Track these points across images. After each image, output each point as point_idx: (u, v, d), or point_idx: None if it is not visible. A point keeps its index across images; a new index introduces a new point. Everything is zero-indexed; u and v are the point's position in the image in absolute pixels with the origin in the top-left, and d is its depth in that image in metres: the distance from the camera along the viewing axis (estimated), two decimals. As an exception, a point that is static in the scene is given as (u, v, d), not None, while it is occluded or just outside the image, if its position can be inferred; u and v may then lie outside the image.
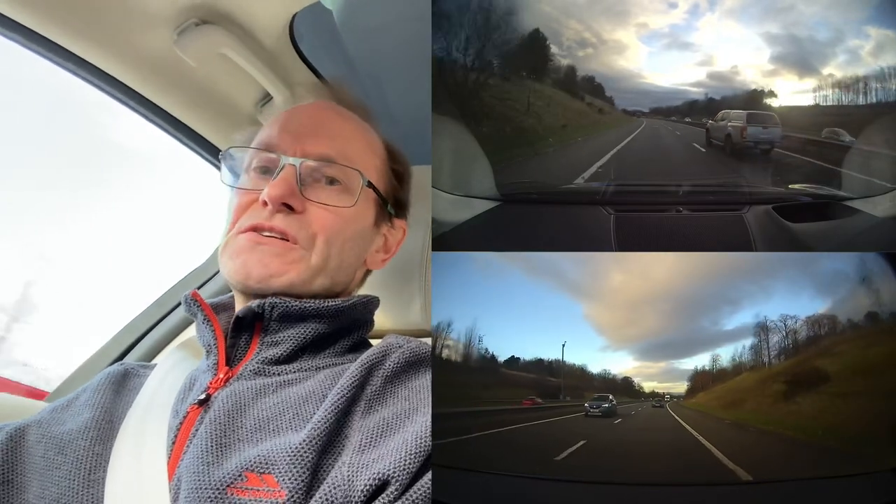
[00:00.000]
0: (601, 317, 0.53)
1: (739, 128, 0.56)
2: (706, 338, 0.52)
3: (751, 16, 0.56)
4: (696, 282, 0.52)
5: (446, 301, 0.51)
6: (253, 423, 0.59)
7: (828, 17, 0.56)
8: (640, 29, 0.56)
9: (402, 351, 0.64)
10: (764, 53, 0.56)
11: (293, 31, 1.01)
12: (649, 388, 0.54)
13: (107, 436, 0.63)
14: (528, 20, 0.58)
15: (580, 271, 0.53)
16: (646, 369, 0.53)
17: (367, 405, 0.59)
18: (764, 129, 0.54)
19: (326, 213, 0.72)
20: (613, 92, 0.59)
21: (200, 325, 0.71)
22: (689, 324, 0.52)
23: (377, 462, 0.52)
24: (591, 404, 0.56)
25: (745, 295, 0.51)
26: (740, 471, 0.47)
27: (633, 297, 0.52)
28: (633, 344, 0.52)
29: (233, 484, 0.53)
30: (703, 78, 0.57)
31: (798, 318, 0.50)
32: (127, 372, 0.74)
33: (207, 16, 0.92)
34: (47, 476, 0.59)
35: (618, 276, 0.53)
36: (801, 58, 0.55)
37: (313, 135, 0.75)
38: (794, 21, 0.55)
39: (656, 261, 0.53)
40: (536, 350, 0.53)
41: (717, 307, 0.51)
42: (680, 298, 0.52)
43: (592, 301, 0.53)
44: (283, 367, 0.66)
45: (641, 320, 0.52)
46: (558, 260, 0.53)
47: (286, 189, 0.70)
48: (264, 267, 0.68)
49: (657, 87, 0.58)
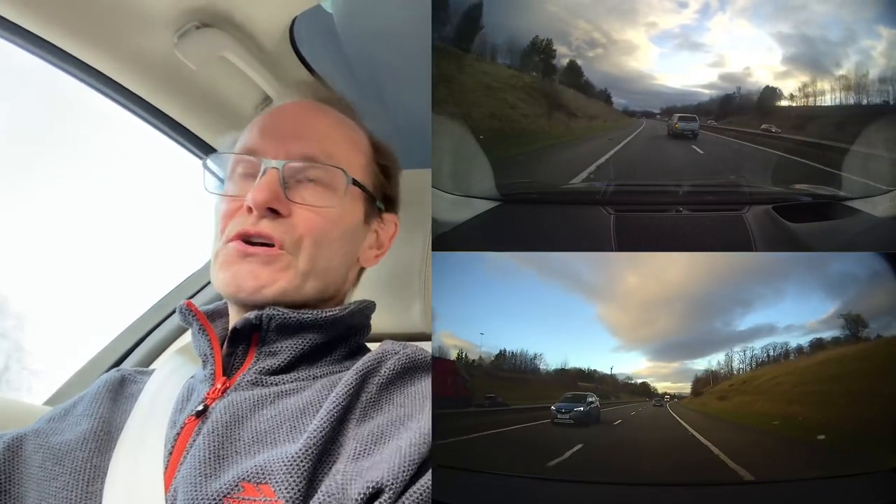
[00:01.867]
0: (611, 317, 0.53)
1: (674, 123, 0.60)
2: (719, 339, 0.52)
3: (762, 15, 0.56)
4: (709, 283, 0.52)
5: (446, 301, 0.51)
6: (250, 435, 0.58)
7: (840, 16, 0.56)
8: (650, 28, 0.56)
9: (397, 357, 0.63)
10: (776, 54, 0.56)
11: (293, 34, 1.02)
12: (662, 389, 0.53)
13: (105, 447, 0.62)
14: (532, 20, 0.58)
15: (581, 270, 0.53)
16: (661, 369, 0.53)
17: (362, 413, 0.59)
18: (688, 123, 0.59)
19: (312, 214, 0.71)
20: (624, 93, 0.59)
21: (196, 334, 0.71)
22: (702, 325, 0.52)
23: (371, 469, 0.52)
24: (559, 407, 0.54)
25: (756, 296, 0.51)
26: (742, 470, 0.47)
27: (646, 297, 0.52)
28: (646, 344, 0.52)
29: (229, 494, 0.52)
30: (714, 79, 0.57)
31: (808, 320, 0.50)
32: (124, 378, 0.74)
33: (208, 19, 0.92)
34: (45, 487, 0.59)
35: (625, 276, 0.53)
36: (813, 58, 0.56)
37: (294, 135, 0.74)
38: (805, 20, 0.55)
39: (664, 261, 0.53)
40: (537, 349, 0.53)
41: (730, 308, 0.51)
42: (693, 300, 0.52)
43: (598, 300, 0.52)
44: (281, 377, 0.66)
45: (656, 321, 0.52)
46: (559, 259, 0.53)
47: (270, 194, 0.69)
48: (255, 279, 0.67)
49: (668, 89, 0.58)
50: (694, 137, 0.59)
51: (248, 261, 0.68)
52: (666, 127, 0.60)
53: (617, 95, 0.60)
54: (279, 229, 0.69)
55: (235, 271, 0.68)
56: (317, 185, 0.72)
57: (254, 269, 0.68)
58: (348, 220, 0.75)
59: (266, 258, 0.68)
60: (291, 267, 0.69)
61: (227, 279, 0.68)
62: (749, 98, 0.57)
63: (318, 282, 0.72)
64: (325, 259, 0.72)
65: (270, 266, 0.68)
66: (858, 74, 0.56)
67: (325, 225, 0.71)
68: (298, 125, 0.76)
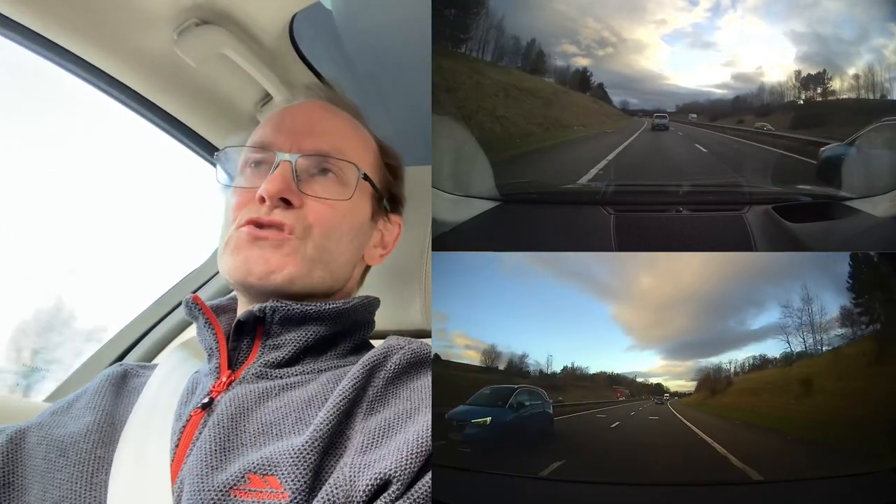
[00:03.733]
0: (624, 315, 0.52)
1: (651, 120, 0.60)
2: (733, 338, 0.52)
3: (775, 13, 0.55)
4: (722, 284, 0.52)
5: (446, 301, 0.51)
6: (256, 427, 0.59)
7: (853, 14, 0.55)
8: (661, 27, 0.56)
9: (403, 352, 0.64)
10: (789, 53, 0.55)
11: (293, 32, 1.01)
12: (675, 388, 0.53)
13: (109, 438, 0.63)
14: (540, 18, 0.57)
15: (581, 270, 0.53)
16: (674, 367, 0.52)
17: (368, 406, 0.59)
18: (661, 118, 0.59)
19: (323, 206, 0.72)
20: (635, 93, 0.59)
21: (202, 328, 0.71)
22: (716, 324, 0.52)
23: (378, 462, 0.53)
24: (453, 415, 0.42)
25: (769, 297, 0.51)
26: (749, 469, 0.47)
27: (660, 297, 0.52)
28: (660, 343, 0.52)
29: (236, 486, 0.53)
30: (727, 79, 0.57)
31: (817, 319, 0.50)
32: (126, 372, 0.74)
33: (207, 16, 0.92)
34: (49, 478, 0.59)
35: (631, 273, 0.53)
36: (826, 58, 0.55)
37: (307, 132, 0.75)
38: (819, 18, 0.55)
39: (670, 262, 0.53)
40: (537, 349, 0.53)
41: (743, 308, 0.51)
42: (706, 300, 0.52)
43: (609, 299, 0.52)
44: (286, 370, 0.66)
45: (670, 321, 0.52)
46: (560, 259, 0.53)
47: (283, 184, 0.70)
48: (265, 262, 0.68)
49: (681, 89, 0.57)
50: (665, 129, 0.60)
51: (258, 244, 0.69)
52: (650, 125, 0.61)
53: (627, 95, 0.59)
54: (290, 217, 0.70)
55: (246, 256, 0.69)
56: (328, 179, 0.74)
57: (265, 252, 0.69)
58: (358, 215, 0.77)
59: (276, 241, 0.69)
60: (299, 252, 0.70)
61: (238, 263, 0.69)
62: (761, 98, 0.57)
63: (324, 272, 0.72)
64: (334, 250, 0.73)
65: (280, 250, 0.69)
66: (871, 73, 0.55)
67: (335, 217, 0.73)
68: (311, 122, 0.77)
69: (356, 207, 0.76)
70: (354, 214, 0.76)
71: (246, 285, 0.70)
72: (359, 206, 0.77)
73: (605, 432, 0.53)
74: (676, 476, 0.49)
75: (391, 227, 0.83)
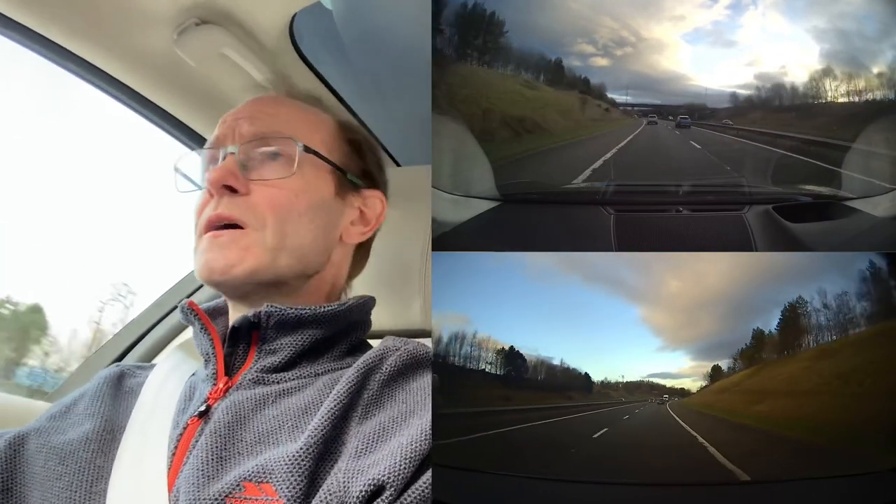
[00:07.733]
0: (652, 316, 0.52)
1: (674, 121, 0.60)
2: (754, 339, 0.51)
3: (795, 9, 0.54)
4: (748, 285, 0.52)
5: (446, 301, 0.51)
6: (253, 436, 0.59)
7: (874, 9, 0.54)
8: (679, 23, 0.55)
9: (399, 354, 0.63)
10: (813, 50, 0.54)
11: (293, 31, 1.01)
12: (697, 387, 0.53)
13: (108, 447, 0.63)
14: (555, 18, 0.56)
15: (582, 269, 0.53)
16: (700, 368, 0.52)
17: (363, 410, 0.59)
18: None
19: (272, 189, 0.71)
20: (658, 94, 0.58)
21: (198, 333, 0.71)
22: (743, 325, 0.52)
23: (372, 467, 0.52)
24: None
25: (790, 298, 0.51)
26: (738, 471, 0.47)
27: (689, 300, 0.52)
28: (689, 345, 0.52)
29: (231, 494, 0.53)
30: (750, 79, 0.56)
31: (836, 320, 0.50)
32: (123, 373, 0.74)
33: (207, 16, 0.92)
34: (48, 487, 0.59)
35: (621, 272, 0.53)
36: (850, 55, 0.54)
37: (248, 119, 0.75)
38: (840, 13, 0.54)
39: (664, 261, 0.53)
40: (538, 348, 0.53)
41: (769, 310, 0.51)
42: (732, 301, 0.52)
43: (636, 299, 0.52)
44: (283, 374, 0.66)
45: (697, 323, 0.52)
46: (560, 259, 0.53)
47: (223, 172, 0.70)
48: (224, 259, 0.68)
49: (703, 90, 0.56)
50: (656, 123, 0.60)
51: (217, 243, 0.69)
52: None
53: (646, 96, 0.59)
54: (240, 208, 0.69)
55: (207, 257, 0.69)
56: (277, 162, 0.73)
57: (222, 250, 0.68)
58: (314, 193, 0.74)
59: (232, 237, 0.69)
60: (259, 244, 0.69)
61: (201, 265, 0.69)
62: (785, 96, 0.56)
63: (291, 258, 0.71)
64: (295, 234, 0.71)
65: (237, 244, 0.69)
66: (894, 71, 0.54)
67: (287, 198, 0.71)
68: (253, 111, 0.77)
69: (309, 185, 0.73)
70: (309, 192, 0.73)
71: (212, 283, 0.70)
72: (313, 183, 0.74)
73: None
74: (672, 477, 0.49)
75: (372, 202, 0.80)
